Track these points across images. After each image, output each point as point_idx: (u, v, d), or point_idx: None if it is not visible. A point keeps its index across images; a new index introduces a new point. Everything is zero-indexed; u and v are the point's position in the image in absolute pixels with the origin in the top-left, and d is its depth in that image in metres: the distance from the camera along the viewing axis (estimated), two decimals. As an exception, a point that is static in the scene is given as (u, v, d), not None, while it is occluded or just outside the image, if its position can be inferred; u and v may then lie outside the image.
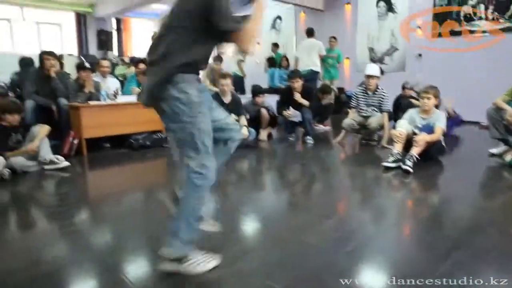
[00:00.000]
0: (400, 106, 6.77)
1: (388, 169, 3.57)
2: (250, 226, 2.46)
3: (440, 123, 3.77)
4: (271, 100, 8.00)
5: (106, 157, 4.39)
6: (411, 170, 3.41)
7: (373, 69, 4.72)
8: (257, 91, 5.32)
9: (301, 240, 2.11)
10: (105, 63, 5.17)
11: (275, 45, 9.20)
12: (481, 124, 6.03)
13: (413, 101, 6.72)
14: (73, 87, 4.63)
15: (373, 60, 8.27)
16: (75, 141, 4.25)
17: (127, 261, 1.94)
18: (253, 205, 2.87)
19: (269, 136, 5.42)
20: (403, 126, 3.83)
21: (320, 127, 6.18)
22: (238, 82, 7.89)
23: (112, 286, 1.68)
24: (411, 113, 4.01)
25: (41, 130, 3.70)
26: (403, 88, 6.83)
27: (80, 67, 4.65)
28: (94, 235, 2.34)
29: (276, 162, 4.57)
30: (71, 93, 4.58)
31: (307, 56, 6.97)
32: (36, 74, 4.53)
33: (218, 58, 6.82)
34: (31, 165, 3.59)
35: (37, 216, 2.80)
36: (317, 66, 7.05)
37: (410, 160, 3.48)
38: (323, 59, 7.33)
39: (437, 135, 3.71)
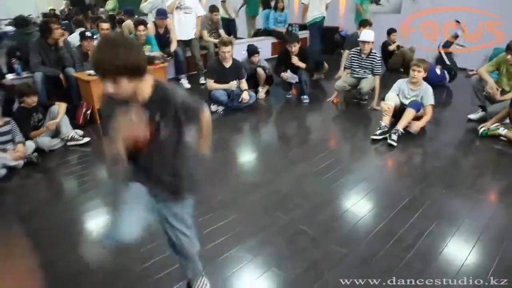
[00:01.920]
0: (386, 54, 7.00)
1: (375, 141, 4.02)
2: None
3: (429, 100, 4.10)
4: (266, 44, 8.10)
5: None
6: (395, 144, 3.86)
7: (368, 35, 4.89)
8: (253, 51, 5.47)
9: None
10: (105, 25, 5.18)
11: None
12: (468, 73, 6.40)
13: (393, 48, 6.95)
14: (77, 55, 4.76)
15: (369, -1, 8.19)
16: (88, 111, 4.54)
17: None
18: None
19: (267, 92, 5.72)
20: (392, 99, 4.19)
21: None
22: (229, 25, 7.86)
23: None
24: (400, 84, 4.33)
25: (60, 109, 3.98)
26: (388, 33, 6.99)
27: (83, 36, 4.71)
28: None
29: (274, 120, 5.05)
30: (76, 62, 4.73)
31: (319, 4, 6.85)
32: (38, 43, 4.60)
33: (214, 8, 6.70)
34: (56, 143, 3.95)
35: (70, 185, 3.37)
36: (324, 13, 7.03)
37: (395, 135, 3.92)
38: (362, 3, 7.39)
39: (429, 116, 4.08)
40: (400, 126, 3.97)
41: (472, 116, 4.54)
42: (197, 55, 6.24)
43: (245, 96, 4.93)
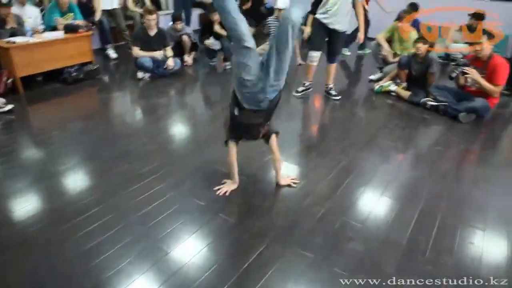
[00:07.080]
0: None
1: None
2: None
3: None
4: (194, 15, 8.23)
5: (44, 94, 4.72)
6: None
7: (282, 2, 5.33)
8: (176, 17, 5.71)
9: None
10: (21, -8, 5.08)
11: None
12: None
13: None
14: (-7, 22, 4.65)
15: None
16: (9, 81, 4.51)
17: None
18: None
19: (194, 60, 6.00)
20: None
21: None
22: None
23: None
24: None
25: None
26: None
27: (-1, 3, 4.60)
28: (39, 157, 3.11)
29: (198, 85, 5.41)
30: (-7, 29, 4.63)
31: None
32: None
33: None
34: (-22, 111, 3.95)
35: None
36: None
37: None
38: None
39: None
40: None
41: (372, 77, 5.24)
42: (122, 25, 6.29)
43: (170, 62, 5.18)
